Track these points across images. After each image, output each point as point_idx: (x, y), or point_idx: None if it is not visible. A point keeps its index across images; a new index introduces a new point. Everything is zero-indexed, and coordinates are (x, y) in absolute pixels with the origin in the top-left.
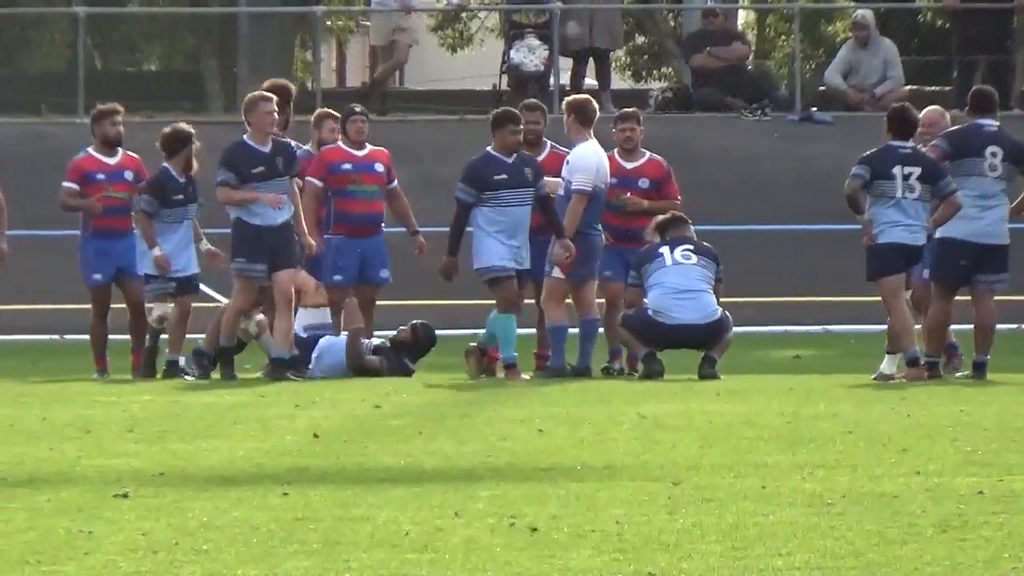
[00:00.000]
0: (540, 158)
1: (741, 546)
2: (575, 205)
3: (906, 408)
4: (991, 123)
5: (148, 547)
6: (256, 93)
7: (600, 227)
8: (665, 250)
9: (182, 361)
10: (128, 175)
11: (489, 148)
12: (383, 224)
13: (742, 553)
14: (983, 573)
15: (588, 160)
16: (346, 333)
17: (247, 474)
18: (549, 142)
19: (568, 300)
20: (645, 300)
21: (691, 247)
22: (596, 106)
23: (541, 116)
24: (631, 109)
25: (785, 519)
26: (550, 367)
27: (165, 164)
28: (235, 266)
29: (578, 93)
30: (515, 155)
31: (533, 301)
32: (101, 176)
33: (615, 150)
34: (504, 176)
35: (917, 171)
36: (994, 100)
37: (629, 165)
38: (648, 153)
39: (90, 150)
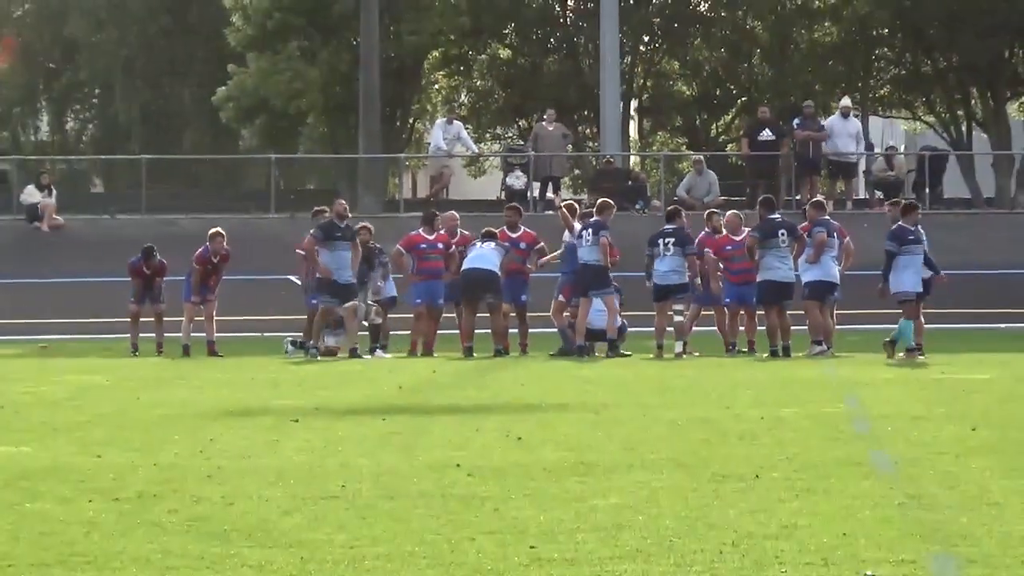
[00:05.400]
0: (517, 234)
1: None
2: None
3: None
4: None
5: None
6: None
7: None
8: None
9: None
10: (440, 246)
11: None
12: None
13: None
14: None
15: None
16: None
17: (363, 407)
18: (523, 226)
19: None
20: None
21: None
22: (577, 205)
23: (515, 213)
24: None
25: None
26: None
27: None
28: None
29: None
30: None
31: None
32: (423, 246)
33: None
34: None
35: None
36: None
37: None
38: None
39: (420, 230)
